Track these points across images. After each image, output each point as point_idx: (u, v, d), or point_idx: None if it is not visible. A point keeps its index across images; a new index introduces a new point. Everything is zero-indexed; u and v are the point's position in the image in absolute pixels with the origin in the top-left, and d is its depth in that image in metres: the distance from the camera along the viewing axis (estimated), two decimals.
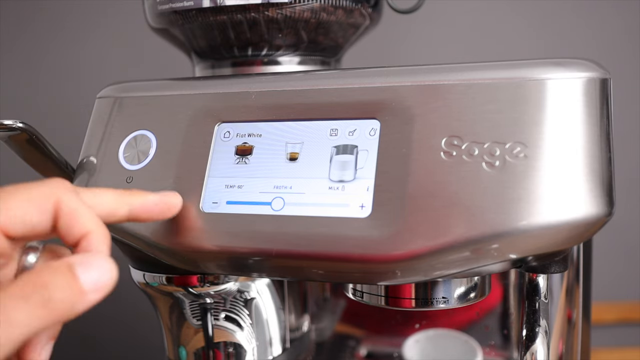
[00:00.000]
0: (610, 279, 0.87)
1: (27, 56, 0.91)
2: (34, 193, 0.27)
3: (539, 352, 0.36)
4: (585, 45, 0.83)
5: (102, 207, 0.30)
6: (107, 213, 0.30)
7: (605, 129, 0.32)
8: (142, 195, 0.32)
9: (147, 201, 0.32)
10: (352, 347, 0.59)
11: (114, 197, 0.31)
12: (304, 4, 0.43)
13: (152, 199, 0.33)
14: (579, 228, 0.31)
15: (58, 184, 0.28)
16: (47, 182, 0.28)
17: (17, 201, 0.26)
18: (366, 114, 0.35)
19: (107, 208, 0.30)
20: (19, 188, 0.27)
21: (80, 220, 0.27)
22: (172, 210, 0.34)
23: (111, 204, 0.31)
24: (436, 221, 0.31)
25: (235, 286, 0.43)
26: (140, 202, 0.32)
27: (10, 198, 0.26)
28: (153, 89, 0.42)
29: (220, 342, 0.45)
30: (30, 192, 0.27)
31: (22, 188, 0.27)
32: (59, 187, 0.27)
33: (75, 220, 0.27)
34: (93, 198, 0.30)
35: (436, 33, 0.85)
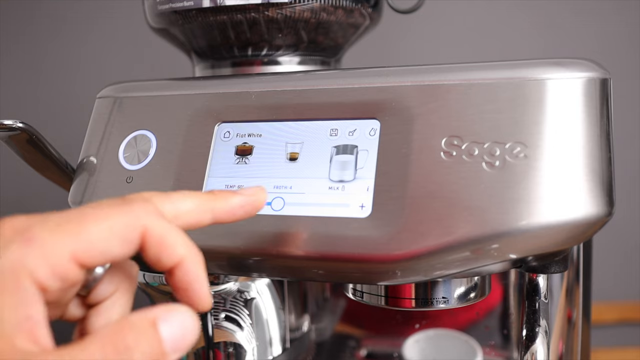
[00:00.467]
0: (610, 279, 0.87)
1: (27, 56, 0.91)
2: (118, 223, 0.24)
3: (539, 352, 0.36)
4: (585, 45, 0.83)
5: (185, 219, 0.27)
6: (190, 224, 0.28)
7: (605, 129, 0.32)
8: (226, 199, 0.29)
9: (232, 204, 0.29)
10: (352, 347, 0.59)
11: (196, 205, 0.28)
12: (304, 4, 0.43)
13: (237, 201, 0.29)
14: (579, 228, 0.31)
15: (143, 210, 0.25)
16: (131, 208, 0.24)
17: (99, 231, 0.23)
18: (366, 114, 0.35)
19: (190, 219, 0.28)
20: (99, 213, 0.24)
21: (170, 249, 0.25)
22: (259, 208, 0.31)
23: (194, 213, 0.28)
24: (436, 221, 0.31)
25: (235, 286, 0.43)
26: (225, 207, 0.29)
27: (90, 225, 0.23)
28: (153, 89, 0.42)
29: (220, 342, 0.45)
30: (114, 220, 0.24)
31: (104, 214, 0.24)
32: (144, 214, 0.24)
33: (164, 248, 0.25)
34: (175, 210, 0.27)
35: (436, 33, 0.85)
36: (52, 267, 0.22)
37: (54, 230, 0.23)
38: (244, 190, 0.30)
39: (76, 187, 0.41)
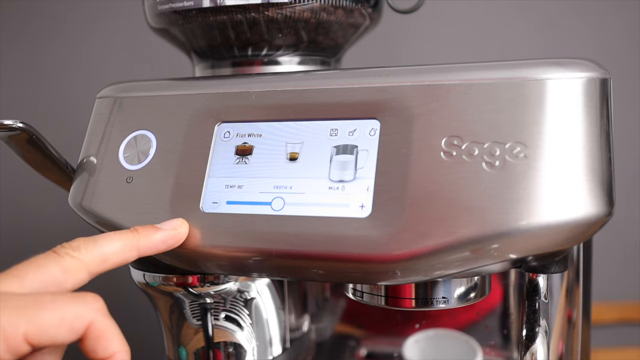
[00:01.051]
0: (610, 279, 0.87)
1: (27, 56, 0.91)
2: (70, 313, 0.27)
3: (539, 352, 0.36)
4: (585, 45, 0.83)
5: (113, 260, 0.31)
6: (118, 263, 0.31)
7: (605, 129, 0.32)
8: (149, 236, 0.33)
9: (155, 241, 0.33)
10: (352, 347, 0.59)
11: (122, 246, 0.32)
12: (304, 4, 0.43)
13: (159, 237, 0.34)
14: (579, 228, 0.31)
15: (92, 305, 0.28)
16: (83, 301, 0.27)
17: (51, 318, 0.26)
18: (366, 114, 0.35)
19: (117, 259, 0.31)
20: (54, 301, 0.27)
21: (107, 343, 0.28)
22: (180, 241, 0.35)
23: (121, 254, 0.32)
24: (436, 221, 0.31)
25: (235, 286, 0.43)
26: (148, 244, 0.33)
27: (43, 312, 0.26)
28: (153, 89, 0.42)
29: (220, 342, 0.45)
30: (65, 310, 0.27)
31: (59, 303, 0.27)
32: (92, 310, 0.28)
33: (102, 342, 0.28)
34: (103, 254, 0.31)
35: (436, 33, 0.85)
36: (7, 344, 0.25)
37: (13, 313, 0.26)
38: (165, 224, 0.35)
39: (76, 187, 0.41)
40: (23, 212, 0.93)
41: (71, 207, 0.41)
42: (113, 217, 0.39)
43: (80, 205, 0.40)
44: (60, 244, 0.30)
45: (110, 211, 0.39)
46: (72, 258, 0.29)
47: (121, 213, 0.38)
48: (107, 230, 0.39)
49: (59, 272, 0.29)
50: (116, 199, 0.39)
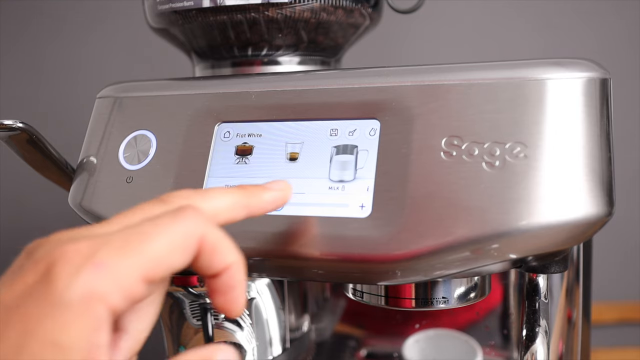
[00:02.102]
0: (610, 279, 0.87)
1: (27, 56, 0.91)
2: (178, 234, 0.24)
3: (539, 352, 0.36)
4: (585, 45, 0.83)
5: (223, 216, 0.28)
6: (227, 221, 0.28)
7: (605, 129, 0.32)
8: (259, 195, 0.30)
9: (265, 200, 0.30)
10: (352, 347, 0.59)
11: (232, 202, 0.28)
12: (304, 4, 0.43)
13: (268, 197, 0.30)
14: (579, 228, 0.31)
15: (197, 218, 0.25)
16: (185, 217, 0.25)
17: (162, 246, 0.23)
18: (366, 114, 0.35)
19: (227, 216, 0.28)
20: (156, 227, 0.24)
21: (222, 256, 0.25)
22: (285, 203, 0.32)
23: (230, 211, 0.28)
24: (436, 221, 0.31)
25: None
26: (258, 203, 0.30)
27: (154, 242, 0.23)
28: (153, 89, 0.42)
29: (220, 342, 0.45)
30: (173, 232, 0.24)
31: (162, 227, 0.24)
32: (199, 223, 0.25)
33: (216, 255, 0.25)
34: (213, 208, 0.27)
35: (436, 33, 0.85)
36: (124, 291, 0.22)
37: (120, 252, 0.23)
38: (272, 184, 0.31)
39: (76, 187, 0.41)
40: (23, 212, 0.93)
41: (71, 207, 0.41)
42: None
43: (80, 205, 0.40)
44: (165, 194, 0.27)
45: (110, 211, 0.39)
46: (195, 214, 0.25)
47: None
48: None
49: None
50: (116, 199, 0.39)
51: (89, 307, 0.21)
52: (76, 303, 0.21)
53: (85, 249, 0.22)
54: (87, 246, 0.22)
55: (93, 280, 0.22)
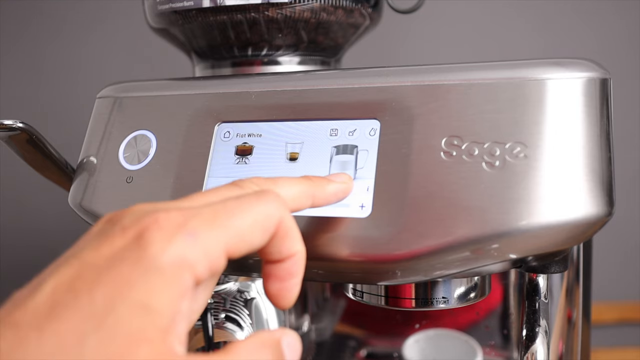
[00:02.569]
0: (610, 279, 0.87)
1: (27, 56, 0.91)
2: (261, 213, 0.25)
3: (539, 352, 0.36)
4: (585, 45, 0.83)
5: (291, 205, 0.29)
6: (293, 210, 0.29)
7: (605, 129, 0.32)
8: (323, 187, 0.31)
9: (329, 192, 0.31)
10: (352, 347, 0.59)
11: (300, 192, 0.29)
12: (304, 4, 0.43)
13: (332, 189, 0.31)
14: (579, 228, 0.31)
15: (278, 202, 0.26)
16: (268, 199, 0.26)
17: (246, 223, 0.24)
18: (366, 114, 0.35)
19: (294, 205, 0.29)
20: (243, 205, 0.25)
21: (292, 242, 0.26)
22: (347, 195, 0.33)
23: (298, 200, 0.29)
24: (436, 221, 0.31)
25: (235, 286, 0.43)
26: (323, 194, 0.31)
27: (239, 218, 0.24)
28: (153, 89, 0.42)
29: (220, 342, 0.45)
30: (257, 211, 0.25)
31: (247, 205, 0.25)
32: (280, 207, 0.26)
33: (287, 240, 0.26)
34: (286, 195, 0.28)
35: (436, 33, 0.85)
36: (210, 262, 0.23)
37: (210, 224, 0.23)
38: (335, 177, 0.32)
39: (76, 187, 0.41)
40: (23, 212, 0.93)
41: (71, 207, 0.41)
42: None
43: (80, 205, 0.40)
44: (238, 179, 0.28)
45: (110, 211, 0.39)
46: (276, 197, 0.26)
47: None
48: None
49: None
50: (116, 199, 0.39)
51: (179, 273, 0.22)
52: (168, 268, 0.22)
53: (178, 218, 0.23)
54: (179, 215, 0.23)
55: (185, 247, 0.22)
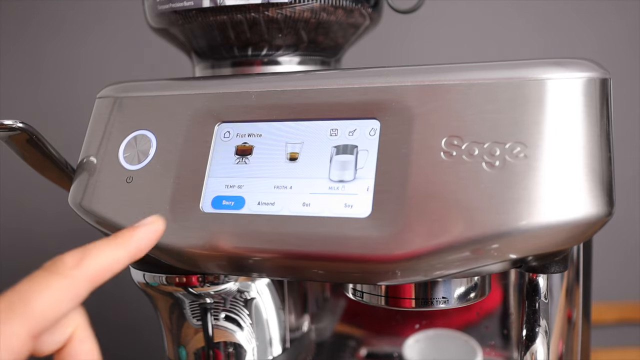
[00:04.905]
0: (610, 279, 0.87)
1: (27, 56, 0.91)
2: (60, 287, 0.26)
3: (539, 352, 0.36)
4: (585, 45, 0.83)
5: (108, 271, 0.30)
6: (113, 271, 0.30)
7: (605, 129, 0.32)
8: (131, 238, 0.32)
9: (137, 239, 0.32)
10: (352, 347, 0.59)
11: (112, 255, 0.30)
12: (304, 4, 0.43)
13: (139, 235, 0.32)
14: (579, 228, 0.31)
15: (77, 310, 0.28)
16: (59, 268, 0.27)
17: (46, 301, 0.26)
18: (366, 114, 0.35)
19: (113, 267, 0.30)
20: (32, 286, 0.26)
21: (85, 352, 0.28)
22: (160, 232, 0.34)
23: (113, 263, 0.30)
24: (436, 221, 0.31)
25: (235, 286, 0.43)
26: (133, 244, 0.31)
27: (35, 300, 0.26)
28: (153, 89, 0.42)
29: (220, 342, 0.45)
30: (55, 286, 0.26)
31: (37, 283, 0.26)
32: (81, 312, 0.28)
33: (81, 349, 0.28)
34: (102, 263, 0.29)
35: (436, 33, 0.85)
36: (13, 353, 0.24)
37: (6, 317, 0.24)
38: (142, 222, 0.33)
39: (76, 187, 0.41)
40: (23, 212, 0.93)
41: (71, 207, 0.41)
42: (113, 217, 0.39)
43: (80, 205, 0.40)
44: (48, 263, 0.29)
45: (110, 211, 0.39)
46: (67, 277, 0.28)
47: (121, 213, 0.38)
48: (107, 230, 0.39)
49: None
50: (116, 199, 0.39)
51: None
52: None
53: None
54: None
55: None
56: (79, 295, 0.27)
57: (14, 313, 0.25)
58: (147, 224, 0.33)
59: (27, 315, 0.25)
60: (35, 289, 0.26)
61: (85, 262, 0.28)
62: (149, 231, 0.32)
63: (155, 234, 0.33)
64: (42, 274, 0.27)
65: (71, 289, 0.27)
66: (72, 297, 0.27)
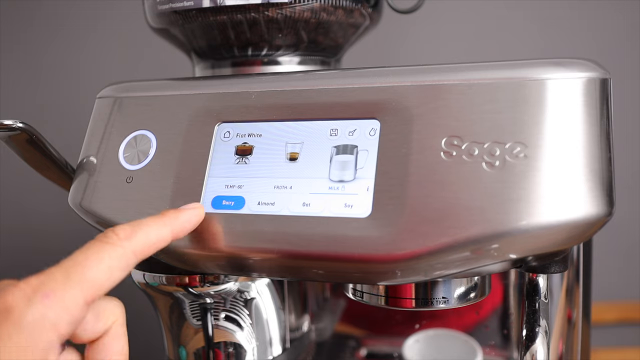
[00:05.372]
0: (610, 279, 0.87)
1: (27, 56, 0.91)
2: (112, 257, 0.28)
3: (539, 352, 0.36)
4: (585, 45, 0.83)
5: (156, 245, 0.31)
6: (159, 247, 0.31)
7: (605, 129, 0.32)
8: (177, 218, 0.33)
9: (182, 221, 0.33)
10: (352, 347, 0.59)
11: (159, 232, 0.31)
12: (304, 4, 0.43)
13: (185, 217, 0.34)
14: (579, 228, 0.31)
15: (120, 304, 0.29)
16: (110, 240, 0.28)
17: (100, 270, 0.27)
18: (366, 114, 0.35)
19: (159, 244, 0.31)
20: (88, 255, 0.27)
21: (117, 348, 0.29)
22: (201, 219, 0.35)
23: (160, 240, 0.31)
24: (436, 221, 0.31)
25: (235, 286, 0.43)
26: (179, 225, 0.33)
27: (90, 268, 0.27)
28: (153, 89, 0.42)
29: (220, 342, 0.45)
30: (107, 256, 0.28)
31: (92, 253, 0.27)
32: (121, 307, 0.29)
33: (114, 345, 0.29)
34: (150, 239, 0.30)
35: (436, 33, 0.85)
36: (71, 316, 0.26)
37: (64, 283, 0.26)
38: (186, 206, 0.35)
39: (76, 187, 0.41)
40: (23, 212, 0.93)
41: (71, 207, 0.41)
42: (113, 217, 0.39)
43: (80, 205, 0.40)
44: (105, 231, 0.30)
45: (110, 211, 0.39)
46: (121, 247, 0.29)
47: (121, 213, 0.38)
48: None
49: None
50: (116, 199, 0.39)
51: (42, 332, 0.25)
52: (31, 328, 0.24)
53: (35, 282, 0.26)
54: (36, 280, 0.26)
55: (43, 308, 0.25)
56: (129, 266, 0.28)
57: (72, 280, 0.26)
58: (191, 208, 0.35)
59: (83, 282, 0.26)
60: (90, 258, 0.27)
61: (135, 235, 0.29)
62: (193, 214, 0.34)
63: (198, 218, 0.35)
64: (96, 244, 0.28)
65: (122, 259, 0.28)
66: (123, 266, 0.28)
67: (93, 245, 0.28)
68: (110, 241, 0.28)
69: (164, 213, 0.33)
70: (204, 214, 0.35)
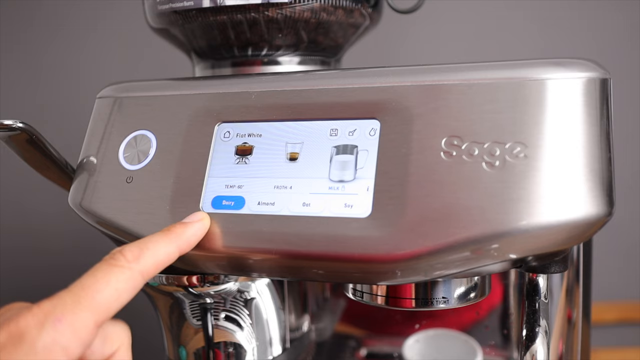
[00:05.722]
0: (610, 279, 0.87)
1: (27, 56, 0.91)
2: (119, 280, 0.28)
3: (539, 352, 0.36)
4: (585, 45, 0.83)
5: (164, 262, 0.31)
6: (166, 264, 0.32)
7: (605, 129, 0.32)
8: (184, 233, 0.33)
9: (189, 235, 0.34)
10: (352, 347, 0.59)
11: (166, 250, 0.32)
12: (304, 4, 0.43)
13: (191, 232, 0.34)
14: (579, 228, 0.31)
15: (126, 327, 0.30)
16: (115, 262, 0.29)
17: (108, 293, 0.28)
18: (366, 114, 0.35)
19: (166, 261, 0.32)
20: (97, 279, 0.28)
21: None
22: (206, 230, 0.36)
23: (167, 257, 0.32)
24: (436, 221, 0.31)
25: (235, 286, 0.43)
26: (185, 241, 0.33)
27: (99, 292, 0.27)
28: (153, 89, 0.42)
29: (220, 342, 0.45)
30: (114, 279, 0.28)
31: (100, 276, 0.28)
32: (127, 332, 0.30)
33: None
34: (158, 257, 0.31)
35: (436, 33, 0.85)
36: (81, 339, 0.26)
37: (73, 307, 0.26)
38: (191, 218, 0.35)
39: (76, 187, 0.41)
40: (23, 212, 0.93)
41: (71, 207, 0.41)
42: (113, 217, 0.39)
43: (80, 205, 0.40)
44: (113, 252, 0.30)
45: (110, 211, 0.39)
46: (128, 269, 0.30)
47: (121, 213, 0.38)
48: (107, 230, 0.39)
49: None
50: (116, 199, 0.39)
51: (53, 356, 0.25)
52: (43, 353, 0.25)
53: (47, 307, 0.26)
54: (48, 304, 0.26)
55: (55, 332, 0.25)
56: (137, 287, 0.29)
57: (82, 304, 0.26)
58: (196, 220, 0.35)
59: (93, 306, 0.27)
60: (99, 281, 0.27)
61: (143, 256, 0.30)
62: (199, 228, 0.35)
63: (203, 231, 0.35)
64: (104, 267, 0.28)
65: (130, 281, 0.28)
66: (131, 288, 0.28)
67: (101, 268, 0.28)
68: (118, 264, 0.29)
69: (171, 229, 0.33)
70: (209, 224, 0.35)
